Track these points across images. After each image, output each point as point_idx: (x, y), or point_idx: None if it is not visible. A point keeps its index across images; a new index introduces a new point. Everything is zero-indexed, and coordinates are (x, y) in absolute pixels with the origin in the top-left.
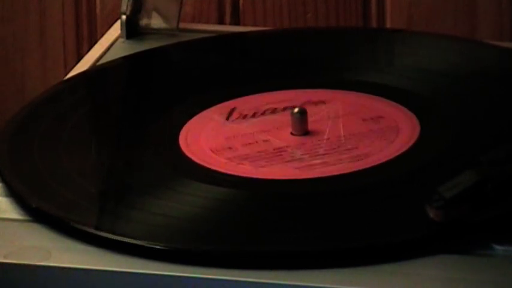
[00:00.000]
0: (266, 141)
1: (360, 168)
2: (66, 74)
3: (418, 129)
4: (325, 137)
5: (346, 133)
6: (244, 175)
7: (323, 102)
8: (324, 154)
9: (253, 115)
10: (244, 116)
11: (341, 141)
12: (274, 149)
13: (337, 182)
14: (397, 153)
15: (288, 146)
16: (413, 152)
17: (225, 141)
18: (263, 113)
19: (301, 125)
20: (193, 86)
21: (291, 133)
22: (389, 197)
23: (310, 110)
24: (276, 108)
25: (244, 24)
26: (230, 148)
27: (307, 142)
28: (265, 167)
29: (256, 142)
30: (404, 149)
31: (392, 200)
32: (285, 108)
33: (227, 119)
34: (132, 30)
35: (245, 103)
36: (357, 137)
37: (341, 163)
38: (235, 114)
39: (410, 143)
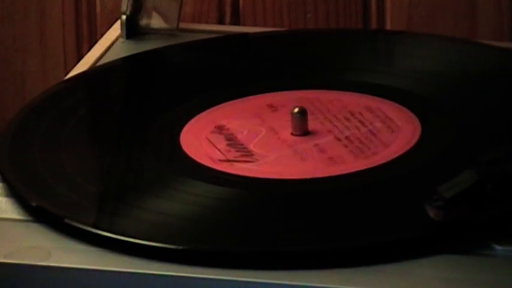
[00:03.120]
0: (267, 142)
1: (360, 168)
2: (66, 74)
3: (418, 129)
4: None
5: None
6: (247, 175)
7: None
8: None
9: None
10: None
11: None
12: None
13: (337, 182)
14: (397, 154)
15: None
16: (413, 152)
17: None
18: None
19: (302, 125)
20: (193, 86)
21: (291, 133)
22: (390, 197)
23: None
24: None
25: (244, 25)
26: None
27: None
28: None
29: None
30: (404, 150)
31: (393, 199)
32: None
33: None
34: (132, 30)
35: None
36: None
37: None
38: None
39: (411, 144)
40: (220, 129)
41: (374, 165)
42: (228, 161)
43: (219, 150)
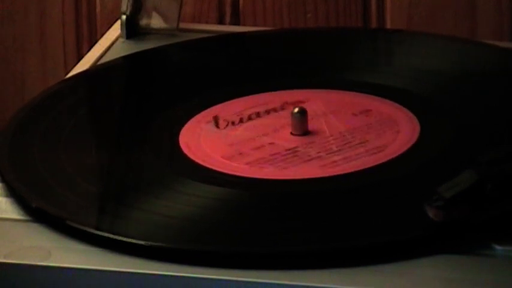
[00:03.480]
0: (272, 143)
1: (359, 168)
2: (66, 74)
3: (418, 129)
4: (328, 135)
5: (347, 131)
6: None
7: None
8: (338, 150)
9: (241, 120)
10: (233, 122)
11: (347, 138)
12: (286, 150)
13: (337, 182)
14: (397, 153)
15: (297, 146)
16: (413, 152)
17: (231, 147)
18: (249, 118)
19: (302, 125)
20: (193, 85)
21: (291, 133)
22: (389, 197)
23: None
24: (259, 112)
25: (244, 24)
26: (241, 154)
27: (314, 141)
28: (288, 168)
29: (263, 146)
30: (404, 149)
31: (392, 200)
32: (268, 111)
33: (217, 127)
34: (132, 30)
35: (229, 108)
36: (361, 134)
37: (361, 157)
38: (222, 122)
39: (410, 143)
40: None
41: (373, 165)
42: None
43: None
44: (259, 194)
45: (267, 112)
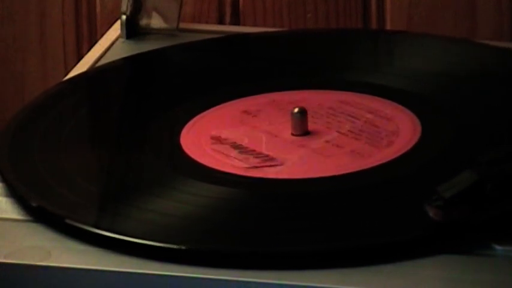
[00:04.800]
0: (279, 145)
1: (360, 168)
2: (66, 74)
3: (418, 129)
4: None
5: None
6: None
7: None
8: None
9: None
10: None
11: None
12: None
13: (337, 182)
14: (397, 154)
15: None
16: (413, 152)
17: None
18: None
19: (302, 125)
20: (193, 86)
21: (291, 134)
22: (390, 197)
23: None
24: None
25: (244, 25)
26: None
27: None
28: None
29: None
30: (405, 150)
31: (393, 200)
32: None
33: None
34: (132, 30)
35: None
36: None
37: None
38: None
39: (411, 144)
40: (218, 138)
41: (374, 165)
42: (256, 167)
43: (235, 158)
44: (260, 193)
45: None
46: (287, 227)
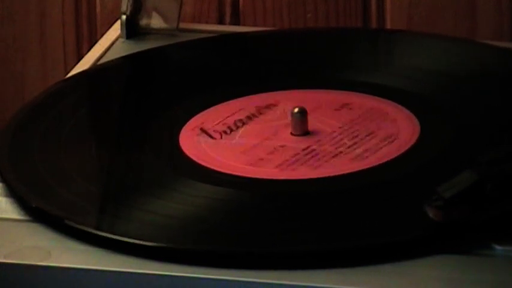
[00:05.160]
0: (283, 146)
1: (360, 168)
2: (66, 74)
3: (418, 129)
4: (330, 134)
5: (348, 131)
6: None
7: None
8: (354, 144)
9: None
10: (225, 132)
11: (352, 135)
12: (303, 150)
13: (337, 182)
14: (397, 153)
15: (310, 145)
16: (413, 152)
17: (246, 155)
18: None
19: (302, 125)
20: (193, 85)
21: (291, 133)
22: (389, 197)
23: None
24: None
25: (244, 24)
26: (262, 159)
27: (322, 139)
28: (321, 165)
29: (276, 149)
30: (404, 149)
31: (392, 200)
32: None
33: (211, 138)
34: (132, 30)
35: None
36: (362, 133)
37: (381, 148)
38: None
39: (410, 143)
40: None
41: (373, 165)
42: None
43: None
44: (260, 194)
45: (262, 114)
46: (287, 227)
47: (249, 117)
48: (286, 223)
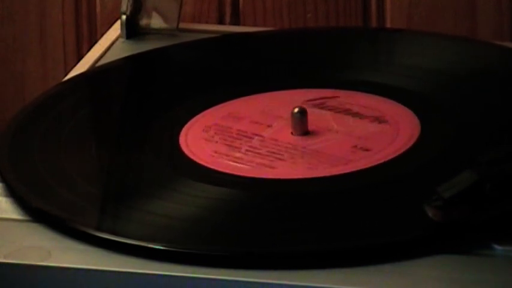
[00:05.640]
0: (280, 145)
1: (360, 168)
2: (66, 74)
3: (418, 128)
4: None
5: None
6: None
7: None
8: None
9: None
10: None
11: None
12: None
13: (337, 182)
14: (397, 153)
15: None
16: (413, 151)
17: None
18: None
19: (302, 125)
20: (193, 86)
21: (291, 134)
22: (390, 197)
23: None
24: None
25: (244, 24)
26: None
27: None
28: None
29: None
30: (404, 149)
31: (392, 199)
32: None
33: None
34: (132, 30)
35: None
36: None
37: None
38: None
39: (411, 143)
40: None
41: (373, 164)
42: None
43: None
44: (260, 194)
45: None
46: (287, 227)
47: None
48: (286, 223)
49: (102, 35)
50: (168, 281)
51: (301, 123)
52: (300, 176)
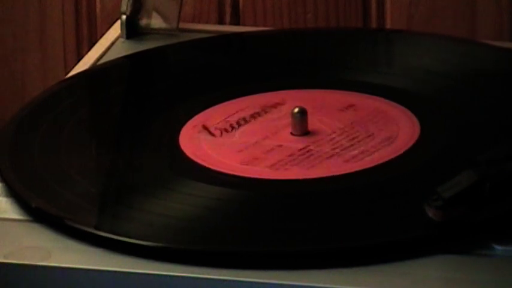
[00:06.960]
0: (280, 146)
1: (360, 168)
2: (66, 74)
3: (418, 129)
4: (330, 133)
5: (349, 130)
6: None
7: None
8: (350, 145)
9: (232, 126)
10: (225, 129)
11: (351, 135)
12: (299, 150)
13: (337, 182)
14: (397, 153)
15: (307, 145)
16: (413, 152)
17: (242, 153)
18: (244, 121)
19: (302, 125)
20: (193, 85)
21: (291, 134)
22: (389, 197)
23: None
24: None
25: (244, 24)
26: (257, 158)
27: (320, 139)
28: (314, 166)
29: (273, 149)
30: (404, 149)
31: (392, 199)
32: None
33: (212, 135)
34: (132, 30)
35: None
36: (362, 133)
37: (378, 150)
38: (215, 131)
39: (410, 143)
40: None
41: (373, 164)
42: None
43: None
44: (259, 194)
45: (263, 113)
46: (287, 227)
47: (253, 116)
48: (286, 223)
49: (102, 35)
50: (167, 281)
51: (300, 123)
52: (300, 177)
